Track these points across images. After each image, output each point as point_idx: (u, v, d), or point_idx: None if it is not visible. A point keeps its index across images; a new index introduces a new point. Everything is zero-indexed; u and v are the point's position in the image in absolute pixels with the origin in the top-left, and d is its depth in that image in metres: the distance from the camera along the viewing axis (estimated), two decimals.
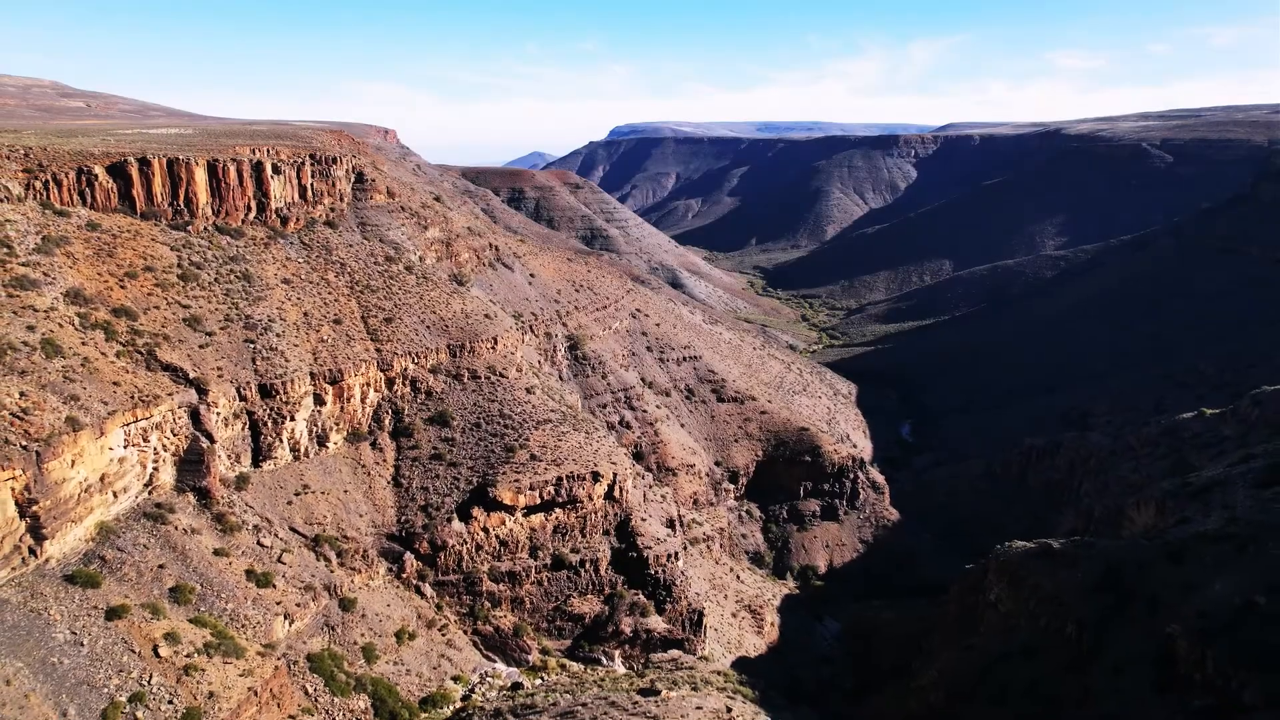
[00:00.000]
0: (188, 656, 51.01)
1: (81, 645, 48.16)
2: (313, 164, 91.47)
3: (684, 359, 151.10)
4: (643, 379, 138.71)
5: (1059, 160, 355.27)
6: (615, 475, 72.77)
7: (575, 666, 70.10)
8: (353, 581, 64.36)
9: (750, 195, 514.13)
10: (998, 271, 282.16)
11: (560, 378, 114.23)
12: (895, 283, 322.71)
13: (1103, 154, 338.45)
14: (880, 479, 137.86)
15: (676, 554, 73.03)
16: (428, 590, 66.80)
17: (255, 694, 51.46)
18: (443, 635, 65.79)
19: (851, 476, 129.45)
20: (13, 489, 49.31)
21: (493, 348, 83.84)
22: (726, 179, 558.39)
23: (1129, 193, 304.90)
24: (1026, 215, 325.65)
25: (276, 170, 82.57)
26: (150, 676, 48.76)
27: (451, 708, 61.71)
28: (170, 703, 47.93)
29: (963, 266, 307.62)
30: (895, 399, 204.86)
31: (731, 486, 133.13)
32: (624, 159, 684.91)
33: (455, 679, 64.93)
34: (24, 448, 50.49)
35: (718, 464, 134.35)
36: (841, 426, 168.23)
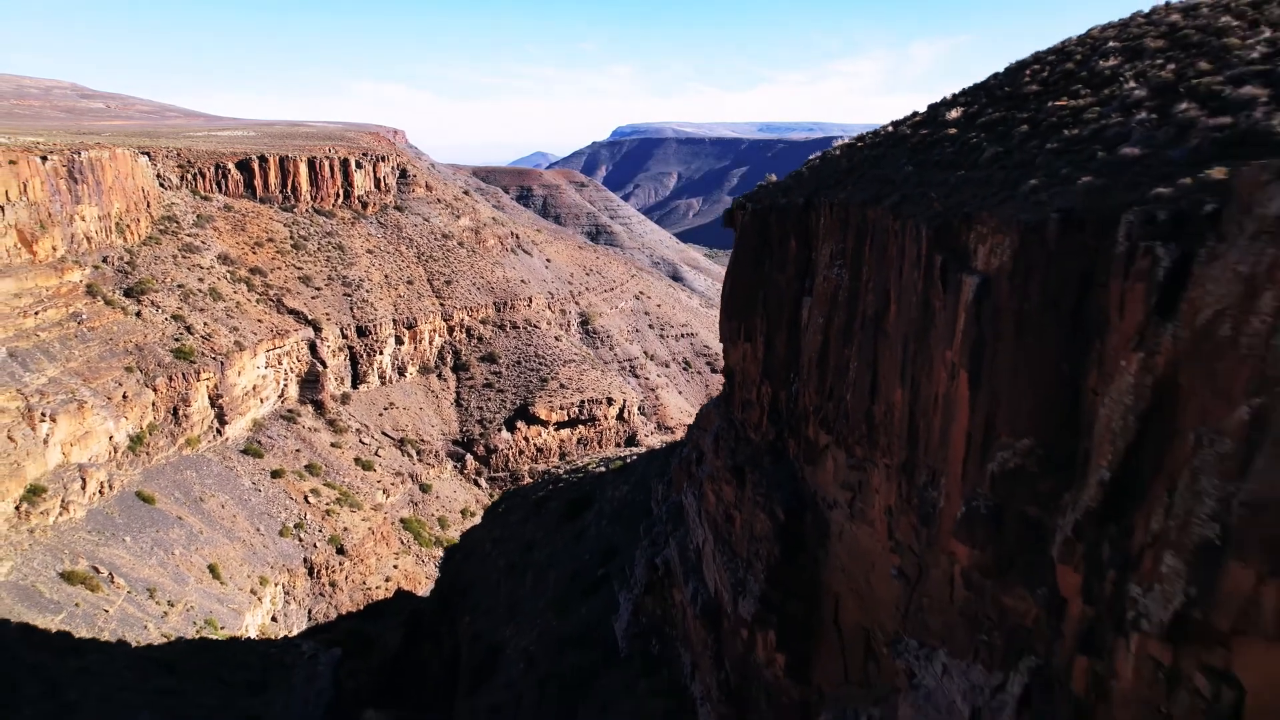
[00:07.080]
0: (327, 505, 72.61)
1: (259, 491, 69.76)
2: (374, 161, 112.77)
3: (681, 335, 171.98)
4: (645, 351, 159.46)
5: None
6: (625, 401, 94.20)
7: None
8: (429, 473, 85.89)
9: None
10: None
11: None
12: None
13: None
14: None
15: None
16: (483, 483, 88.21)
17: (373, 532, 73.09)
18: None
19: None
20: (208, 387, 70.95)
21: (528, 305, 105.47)
22: (727, 179, 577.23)
23: None
24: None
25: (359, 165, 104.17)
26: (305, 515, 70.32)
27: None
28: (320, 531, 69.56)
29: None
30: None
31: None
32: (627, 159, 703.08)
33: None
34: (213, 359, 72.12)
35: None
36: None
